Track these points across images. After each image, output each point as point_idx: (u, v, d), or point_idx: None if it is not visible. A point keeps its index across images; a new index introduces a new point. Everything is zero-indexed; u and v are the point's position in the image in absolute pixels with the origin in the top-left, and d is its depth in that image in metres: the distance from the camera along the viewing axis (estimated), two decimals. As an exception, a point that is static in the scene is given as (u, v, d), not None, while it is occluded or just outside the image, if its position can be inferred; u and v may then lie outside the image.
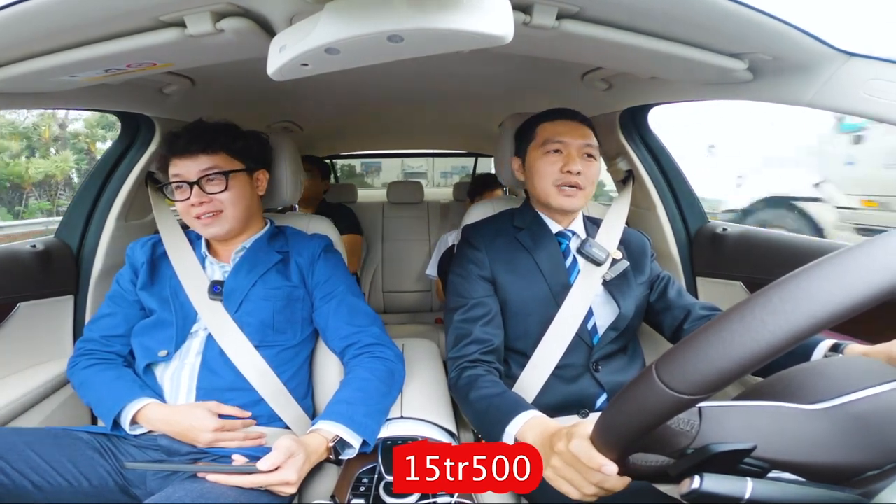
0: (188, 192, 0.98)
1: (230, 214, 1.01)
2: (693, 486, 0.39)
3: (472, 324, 0.97)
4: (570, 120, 1.05)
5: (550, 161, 1.02)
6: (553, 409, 0.97)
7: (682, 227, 1.44)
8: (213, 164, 0.99)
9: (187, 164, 0.99)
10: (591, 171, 1.02)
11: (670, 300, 1.05)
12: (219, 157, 1.01)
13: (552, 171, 1.02)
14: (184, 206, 1.00)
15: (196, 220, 1.00)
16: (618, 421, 0.43)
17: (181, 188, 0.99)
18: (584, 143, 1.02)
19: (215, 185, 0.99)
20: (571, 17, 0.71)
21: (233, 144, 1.03)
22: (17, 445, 0.80)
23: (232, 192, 1.01)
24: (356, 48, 0.60)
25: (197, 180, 0.98)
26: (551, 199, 1.03)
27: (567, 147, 1.01)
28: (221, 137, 1.02)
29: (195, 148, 0.99)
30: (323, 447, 0.84)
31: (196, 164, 0.99)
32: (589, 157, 1.03)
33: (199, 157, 0.99)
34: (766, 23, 0.71)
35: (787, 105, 0.90)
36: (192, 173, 0.98)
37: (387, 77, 1.31)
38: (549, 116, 1.06)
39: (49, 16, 0.63)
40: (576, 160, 1.00)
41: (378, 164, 8.54)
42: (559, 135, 1.02)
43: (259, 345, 0.98)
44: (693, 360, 0.36)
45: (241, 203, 1.02)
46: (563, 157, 1.01)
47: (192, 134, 1.00)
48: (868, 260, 0.32)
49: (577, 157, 1.01)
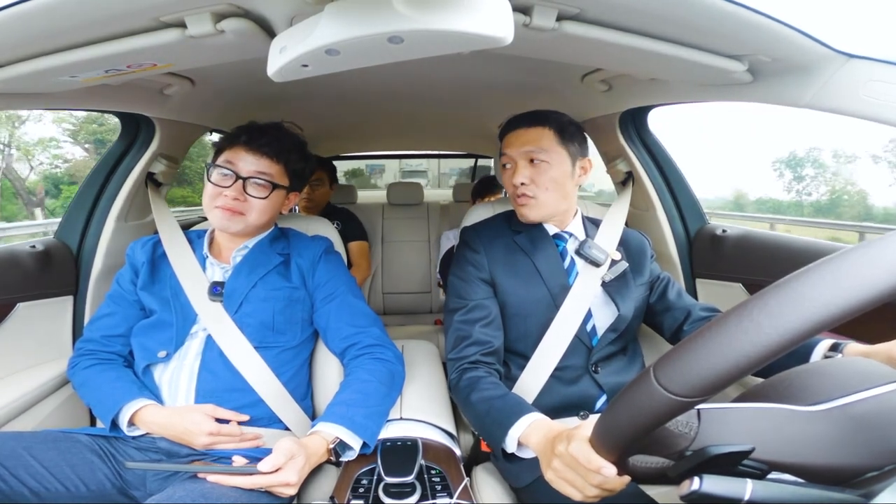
0: (231, 181, 0.98)
1: (252, 219, 1.01)
2: (693, 488, 0.39)
3: (472, 325, 0.97)
4: (516, 128, 1.03)
5: (506, 175, 1.05)
6: (553, 410, 0.97)
7: (681, 229, 1.44)
8: (270, 171, 1.01)
9: (248, 159, 0.99)
10: (541, 176, 0.99)
11: (670, 301, 1.05)
12: (277, 168, 1.02)
13: (508, 185, 1.04)
14: (215, 191, 0.99)
15: (217, 209, 1.00)
16: (616, 423, 0.43)
17: (226, 175, 0.99)
18: (527, 149, 1.00)
19: (258, 189, 1.00)
20: (571, 18, 0.71)
21: (296, 164, 1.06)
22: (16, 451, 0.80)
23: (268, 202, 1.02)
24: (356, 49, 0.60)
25: (246, 177, 0.99)
26: (517, 210, 1.05)
27: (512, 158, 1.02)
28: (292, 152, 1.04)
29: (267, 150, 1.00)
30: (323, 449, 0.84)
31: (257, 163, 1.00)
32: (534, 161, 1.00)
33: (263, 160, 1.00)
34: (766, 24, 0.71)
35: (786, 106, 0.90)
36: (246, 169, 0.99)
37: (387, 78, 1.31)
38: (505, 128, 1.06)
39: (49, 16, 0.63)
40: (521, 170, 0.99)
41: (381, 166, 8.58)
42: (505, 147, 1.04)
43: (259, 346, 0.98)
44: (690, 363, 0.36)
45: (266, 214, 1.03)
46: (511, 169, 1.03)
47: (272, 136, 1.02)
48: (866, 262, 0.32)
49: (523, 165, 1.00)
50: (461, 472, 0.84)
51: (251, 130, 1.02)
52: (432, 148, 3.19)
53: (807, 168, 25.36)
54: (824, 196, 24.69)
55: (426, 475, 0.80)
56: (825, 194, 24.83)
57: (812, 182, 25.76)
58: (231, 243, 1.07)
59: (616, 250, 1.05)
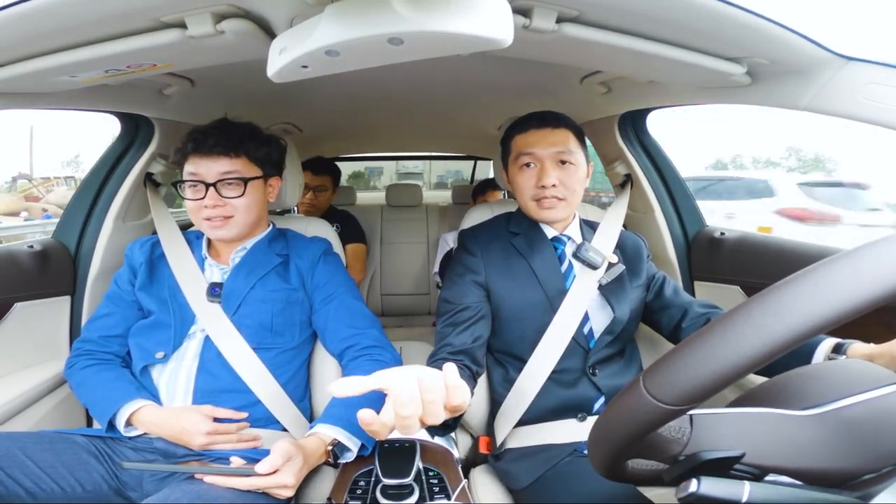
0: (203, 192, 0.97)
1: (240, 220, 1.01)
2: (690, 490, 0.39)
3: (453, 328, 0.95)
4: (539, 128, 0.99)
5: (526, 176, 1.00)
6: (551, 412, 0.97)
7: (680, 232, 1.44)
8: (234, 168, 0.98)
9: (208, 165, 0.97)
10: (569, 178, 0.98)
11: (667, 299, 1.05)
12: (240, 162, 1.00)
13: (528, 185, 0.99)
14: (195, 205, 0.98)
15: (205, 221, 0.99)
16: (610, 429, 0.44)
17: (195, 187, 0.98)
18: (557, 150, 0.98)
19: (232, 189, 0.99)
20: (571, 20, 0.71)
21: (256, 151, 1.02)
22: (12, 451, 0.80)
23: (247, 198, 1.00)
24: (356, 50, 0.60)
25: (214, 183, 0.97)
26: (532, 213, 1.02)
27: (539, 159, 0.98)
28: (247, 142, 1.01)
29: (220, 150, 0.97)
30: (321, 451, 0.84)
31: (217, 165, 0.97)
32: (564, 163, 0.98)
33: (222, 160, 0.98)
34: (764, 27, 0.71)
35: (784, 109, 0.90)
36: (210, 175, 0.97)
37: (386, 79, 1.31)
38: (521, 127, 1.02)
39: (49, 16, 0.63)
40: (549, 172, 0.96)
41: (380, 168, 8.59)
42: (529, 146, 0.99)
43: (257, 347, 0.97)
44: (677, 373, 0.37)
45: (253, 210, 1.02)
46: (536, 170, 0.98)
47: (218, 134, 0.98)
48: (851, 270, 0.32)
49: (552, 166, 0.97)
50: (459, 473, 0.84)
51: (195, 137, 0.99)
52: (431, 149, 3.20)
53: (731, 172, 33.38)
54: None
55: (424, 477, 0.80)
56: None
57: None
58: (230, 244, 1.07)
59: (613, 253, 1.05)
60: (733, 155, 36.26)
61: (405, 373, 0.54)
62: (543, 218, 1.02)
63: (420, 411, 0.52)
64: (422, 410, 0.52)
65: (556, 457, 0.91)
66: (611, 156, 1.48)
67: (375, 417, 0.52)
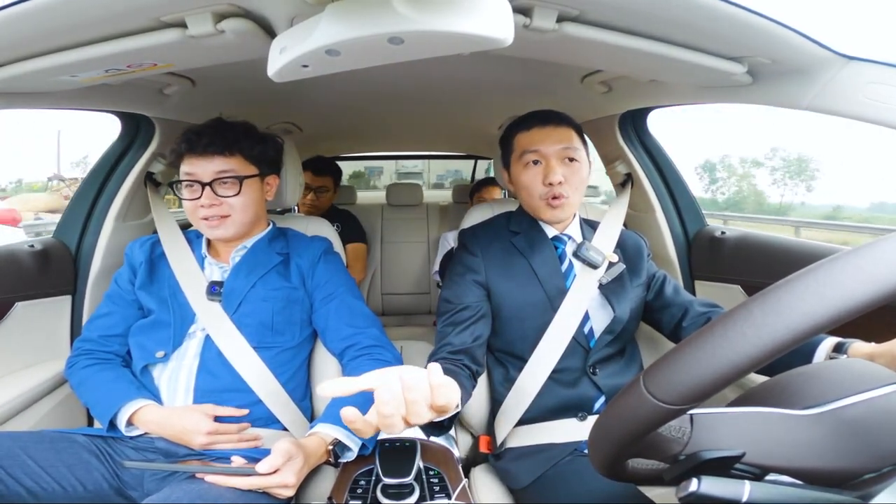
0: (199, 192, 0.97)
1: (238, 219, 1.01)
2: (691, 489, 0.39)
3: (453, 327, 0.95)
4: (544, 125, 0.99)
5: (532, 174, 0.99)
6: (551, 411, 0.97)
7: (680, 231, 1.44)
8: (229, 167, 0.99)
9: (202, 164, 0.97)
10: (574, 175, 0.98)
11: (667, 298, 1.05)
12: (235, 161, 1.00)
13: (535, 184, 0.99)
14: (192, 205, 0.98)
15: (202, 221, 0.99)
16: (610, 429, 0.44)
17: (191, 187, 0.98)
18: (562, 147, 0.98)
19: (228, 188, 0.99)
20: (571, 20, 0.71)
21: (251, 149, 1.02)
22: (13, 450, 0.80)
23: (243, 197, 1.00)
24: (356, 50, 0.60)
25: (210, 182, 0.97)
26: (540, 212, 1.02)
27: (544, 156, 0.98)
28: (241, 141, 1.01)
29: (213, 149, 0.97)
30: (322, 450, 0.84)
31: (212, 165, 0.98)
32: (571, 160, 0.98)
33: (216, 159, 0.98)
34: (766, 26, 0.71)
35: (785, 109, 0.90)
36: (206, 174, 0.97)
37: (387, 79, 1.31)
38: (524, 124, 1.02)
39: (49, 16, 0.63)
40: (555, 169, 0.96)
41: (380, 168, 8.59)
42: (534, 144, 0.98)
43: (258, 346, 0.97)
44: (677, 372, 0.37)
45: (250, 208, 1.02)
46: (542, 167, 0.98)
47: (212, 134, 0.98)
48: (852, 270, 0.32)
49: (557, 163, 0.97)
50: (459, 473, 0.84)
51: (189, 137, 0.99)
52: (432, 149, 3.20)
53: (720, 172, 38.42)
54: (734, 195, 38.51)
55: (424, 476, 0.80)
56: (735, 193, 37.64)
57: (724, 183, 39.98)
58: (229, 243, 1.07)
59: (613, 252, 1.05)
60: (721, 155, 39.35)
61: (389, 372, 0.54)
62: (551, 217, 1.02)
63: (402, 410, 0.52)
64: (405, 410, 0.52)
65: (557, 456, 0.91)
66: (611, 155, 1.47)
67: (359, 416, 0.52)
